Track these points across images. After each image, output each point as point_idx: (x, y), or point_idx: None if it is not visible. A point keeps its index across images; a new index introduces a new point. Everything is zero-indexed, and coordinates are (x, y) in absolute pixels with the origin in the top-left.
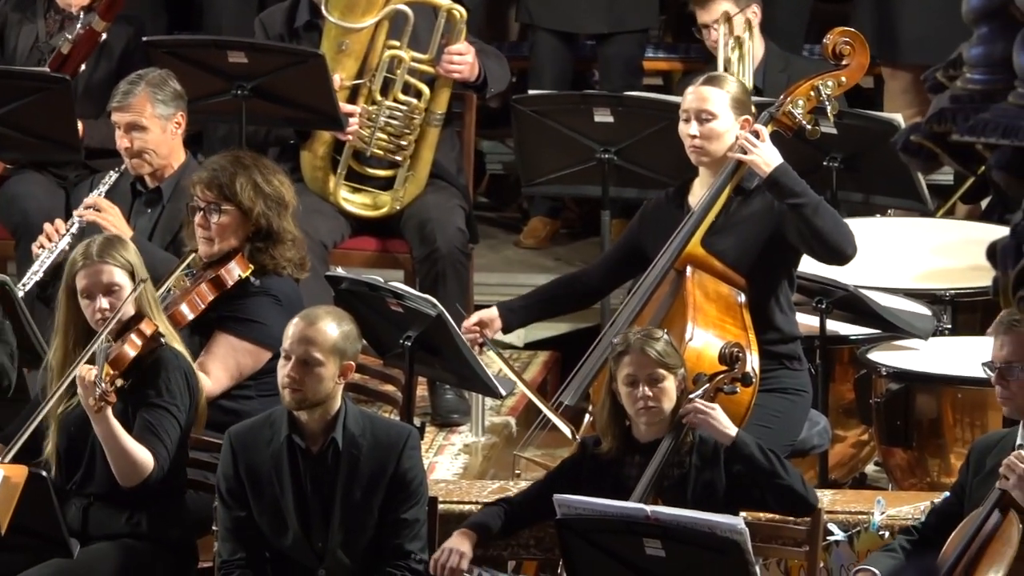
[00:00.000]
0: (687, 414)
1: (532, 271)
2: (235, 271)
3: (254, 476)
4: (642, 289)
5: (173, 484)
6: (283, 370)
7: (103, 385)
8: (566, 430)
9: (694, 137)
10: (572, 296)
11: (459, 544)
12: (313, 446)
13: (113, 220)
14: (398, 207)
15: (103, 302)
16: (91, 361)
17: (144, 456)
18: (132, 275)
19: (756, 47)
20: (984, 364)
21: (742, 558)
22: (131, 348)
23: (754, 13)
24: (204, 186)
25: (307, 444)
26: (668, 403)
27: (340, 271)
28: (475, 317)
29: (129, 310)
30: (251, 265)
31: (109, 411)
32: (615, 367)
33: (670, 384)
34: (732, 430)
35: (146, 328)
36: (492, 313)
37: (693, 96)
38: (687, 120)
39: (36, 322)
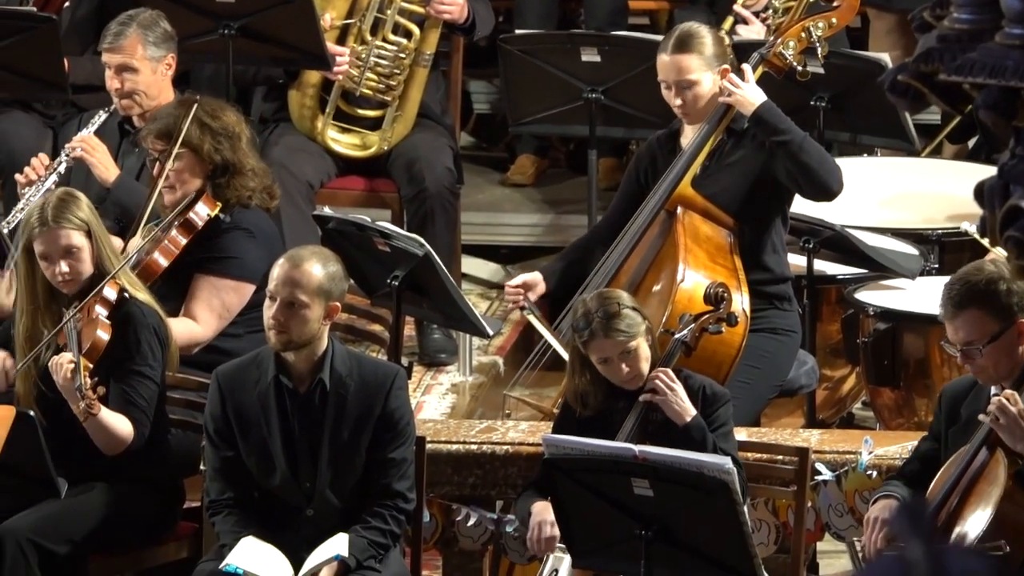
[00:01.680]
0: (650, 391)
1: (519, 210)
2: (203, 211)
3: (242, 416)
4: (632, 230)
5: (153, 429)
6: (268, 312)
7: (88, 396)
8: None
9: (679, 105)
10: (594, 255)
11: (547, 516)
12: (300, 387)
13: (100, 158)
14: (386, 147)
15: (63, 266)
16: (61, 340)
17: (124, 428)
18: (89, 233)
19: None
20: (946, 344)
21: (730, 498)
22: (103, 331)
23: None
24: (153, 136)
25: (294, 385)
26: (645, 363)
27: (327, 211)
28: (520, 279)
29: (88, 269)
30: (217, 203)
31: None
32: (584, 350)
33: (642, 347)
34: (688, 414)
35: (110, 293)
36: (536, 277)
37: (669, 67)
38: (667, 88)
39: None
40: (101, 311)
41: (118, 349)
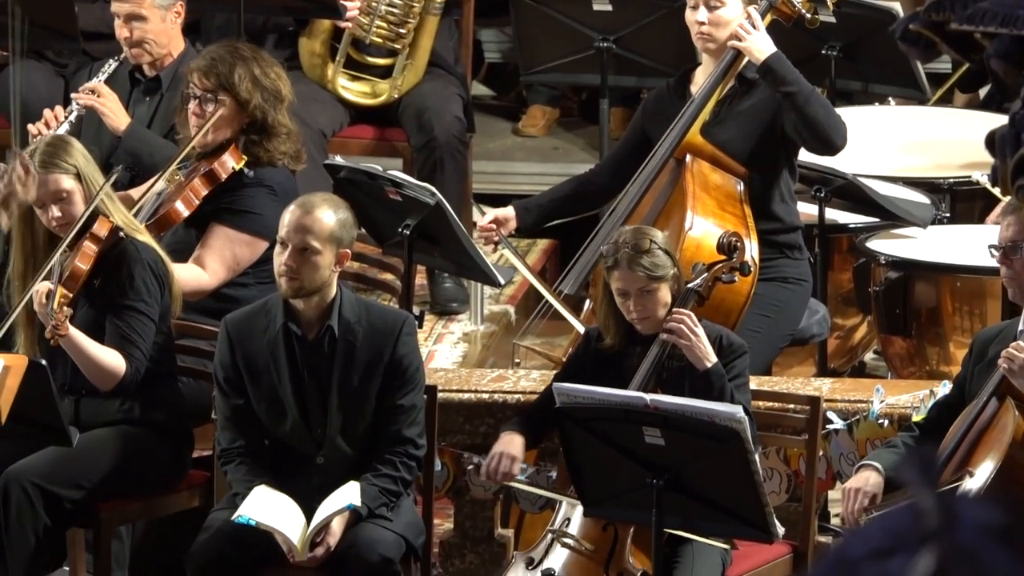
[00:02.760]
0: (671, 331)
1: (531, 159)
2: (228, 163)
3: (251, 364)
4: (641, 178)
5: (160, 370)
6: (280, 258)
7: (55, 317)
8: (574, 321)
9: (701, 24)
10: (585, 196)
11: (509, 447)
12: (309, 333)
13: (111, 106)
14: (396, 95)
15: (55, 211)
16: (48, 276)
17: (114, 361)
18: (79, 176)
19: None
20: (990, 246)
21: (741, 447)
22: (83, 262)
23: None
24: (202, 75)
25: (303, 331)
26: (662, 309)
27: (339, 159)
28: (491, 215)
29: (81, 211)
30: (244, 156)
31: (69, 327)
32: (607, 276)
33: (663, 292)
34: (710, 360)
35: (100, 230)
36: (508, 212)
37: None
38: (695, 7)
39: None
40: (90, 245)
41: (112, 286)
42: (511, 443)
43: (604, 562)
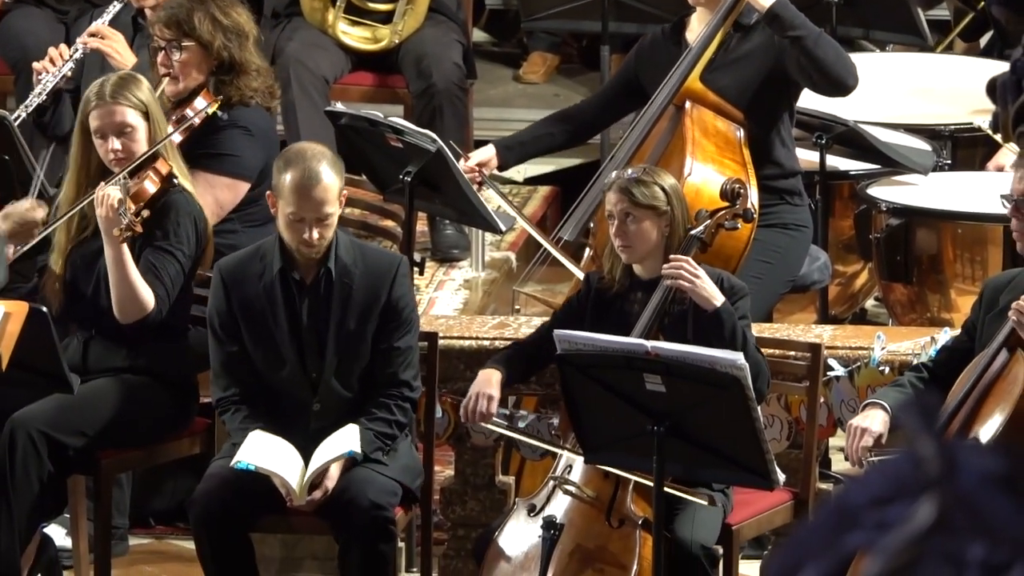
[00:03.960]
0: (671, 276)
1: (532, 106)
2: (200, 107)
3: (248, 310)
4: (641, 124)
5: (175, 323)
6: (298, 234)
7: (129, 216)
8: (569, 265)
9: None
10: (568, 132)
11: (486, 387)
12: (307, 277)
13: (117, 47)
14: (396, 40)
15: (115, 143)
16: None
17: (147, 294)
18: (146, 114)
19: None
20: (1002, 196)
21: (742, 393)
22: (151, 184)
23: None
24: (162, 25)
25: (300, 275)
26: (642, 245)
27: (340, 107)
28: (473, 158)
29: (141, 149)
30: (217, 98)
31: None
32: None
33: (646, 225)
34: (717, 299)
35: (162, 167)
36: (489, 152)
37: None
38: None
39: (33, 152)
40: (153, 176)
41: (155, 229)
42: (488, 381)
43: (606, 509)
